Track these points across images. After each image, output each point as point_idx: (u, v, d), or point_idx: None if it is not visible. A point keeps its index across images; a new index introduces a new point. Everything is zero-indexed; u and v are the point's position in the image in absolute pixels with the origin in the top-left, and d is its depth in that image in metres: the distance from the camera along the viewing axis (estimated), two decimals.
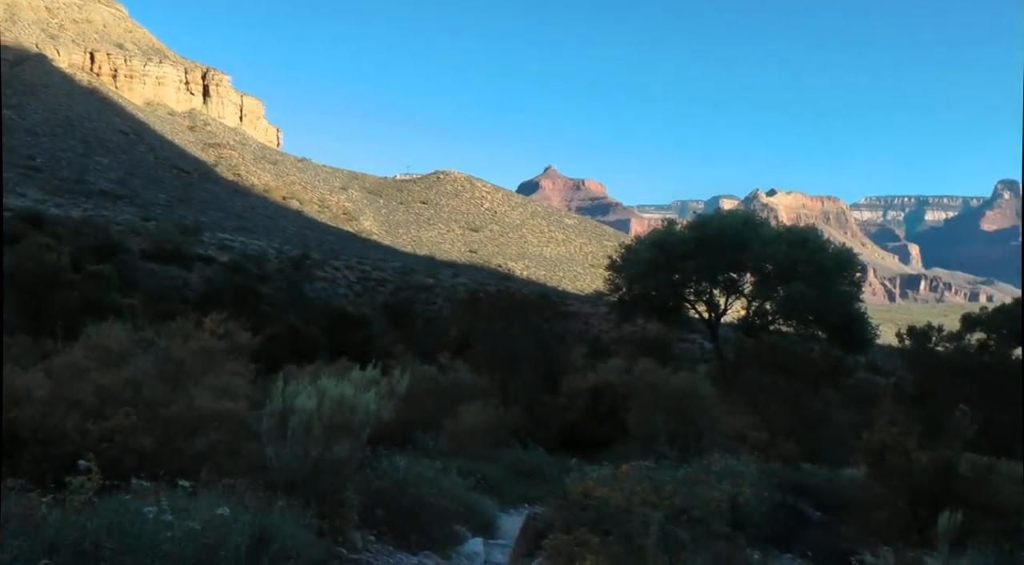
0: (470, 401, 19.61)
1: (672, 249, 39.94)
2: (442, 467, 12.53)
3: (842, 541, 9.69)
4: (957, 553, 8.62)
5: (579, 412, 21.79)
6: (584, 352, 37.29)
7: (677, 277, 40.57)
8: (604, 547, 6.50)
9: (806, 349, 33.32)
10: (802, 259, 38.06)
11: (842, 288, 39.94)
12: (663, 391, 19.99)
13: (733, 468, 12.55)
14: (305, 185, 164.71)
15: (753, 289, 40.88)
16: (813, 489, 13.50)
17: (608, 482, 7.24)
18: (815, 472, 15.78)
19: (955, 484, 10.83)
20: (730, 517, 8.25)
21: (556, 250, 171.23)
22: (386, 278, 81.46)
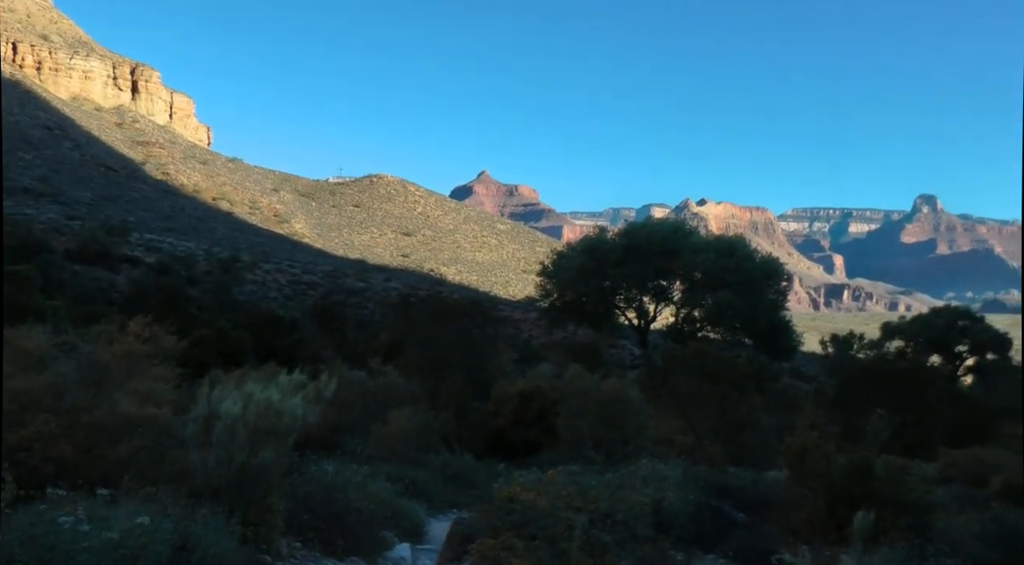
0: (400, 406, 19.53)
1: (603, 256, 40.28)
2: (370, 472, 12.48)
3: (764, 541, 9.89)
4: (871, 550, 8.87)
5: (508, 417, 21.82)
6: (515, 357, 37.44)
7: (608, 284, 40.90)
8: (529, 551, 6.55)
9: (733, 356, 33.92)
10: (730, 268, 38.68)
11: (768, 296, 40.68)
12: (592, 397, 20.18)
13: (660, 472, 12.74)
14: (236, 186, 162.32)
15: (682, 296, 41.40)
16: (737, 491, 13.75)
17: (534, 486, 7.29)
18: (740, 475, 16.08)
19: (871, 484, 11.15)
20: (654, 520, 8.37)
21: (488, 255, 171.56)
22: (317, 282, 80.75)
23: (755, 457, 18.97)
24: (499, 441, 21.18)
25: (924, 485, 14.39)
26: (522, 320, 68.68)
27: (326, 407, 11.18)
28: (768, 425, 21.27)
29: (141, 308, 22.12)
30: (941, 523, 12.11)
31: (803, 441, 11.66)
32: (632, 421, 19.33)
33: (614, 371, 34.97)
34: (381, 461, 15.63)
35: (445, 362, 24.56)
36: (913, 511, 11.58)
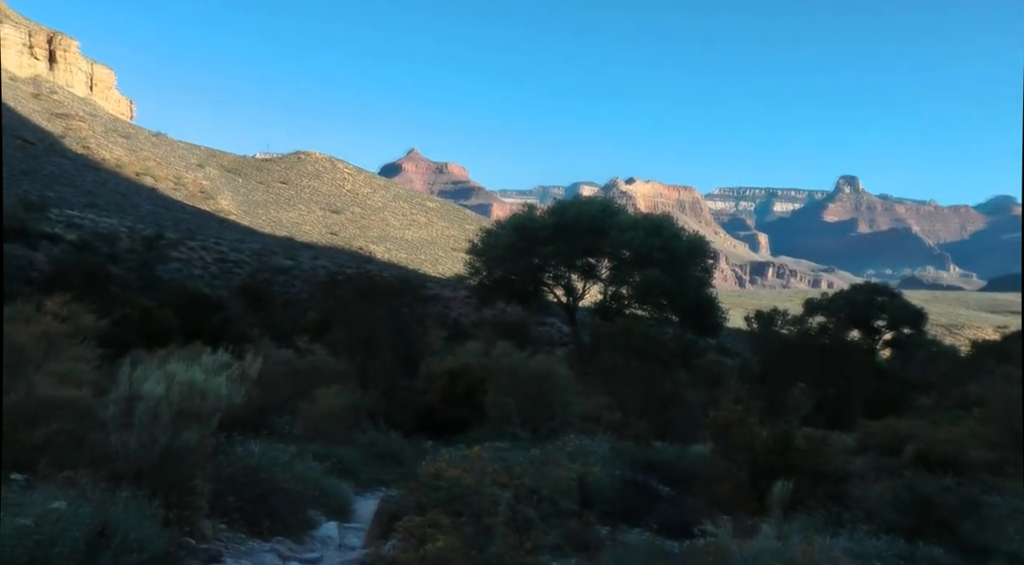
0: (328, 385, 19.40)
1: (532, 234, 40.42)
2: (297, 452, 12.39)
3: (688, 514, 10.08)
4: (790, 519, 9.13)
5: (437, 395, 21.83)
6: (444, 335, 37.38)
7: (536, 262, 41.10)
8: (455, 527, 6.59)
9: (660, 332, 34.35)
10: (657, 246, 39.13)
11: (695, 274, 41.29)
12: (521, 374, 20.27)
13: (587, 448, 12.90)
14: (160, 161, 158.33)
15: (610, 274, 41.80)
16: (663, 465, 13.98)
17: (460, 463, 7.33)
18: (665, 449, 16.35)
19: (791, 456, 11.45)
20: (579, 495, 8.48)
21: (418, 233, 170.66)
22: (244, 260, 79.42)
23: (681, 432, 19.28)
24: (428, 419, 21.18)
25: (842, 455, 14.85)
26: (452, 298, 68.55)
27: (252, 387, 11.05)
28: (694, 400, 21.60)
29: (61, 287, 21.59)
30: (857, 491, 12.50)
31: (727, 415, 11.91)
32: (560, 398, 19.48)
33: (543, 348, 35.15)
34: (309, 440, 15.52)
35: (373, 340, 24.43)
36: (831, 480, 11.95)
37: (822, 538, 8.02)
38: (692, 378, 27.01)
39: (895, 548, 10.15)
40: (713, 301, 42.66)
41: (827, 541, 8.07)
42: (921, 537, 10.79)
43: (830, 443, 13.13)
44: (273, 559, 8.48)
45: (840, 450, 17.47)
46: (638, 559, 7.25)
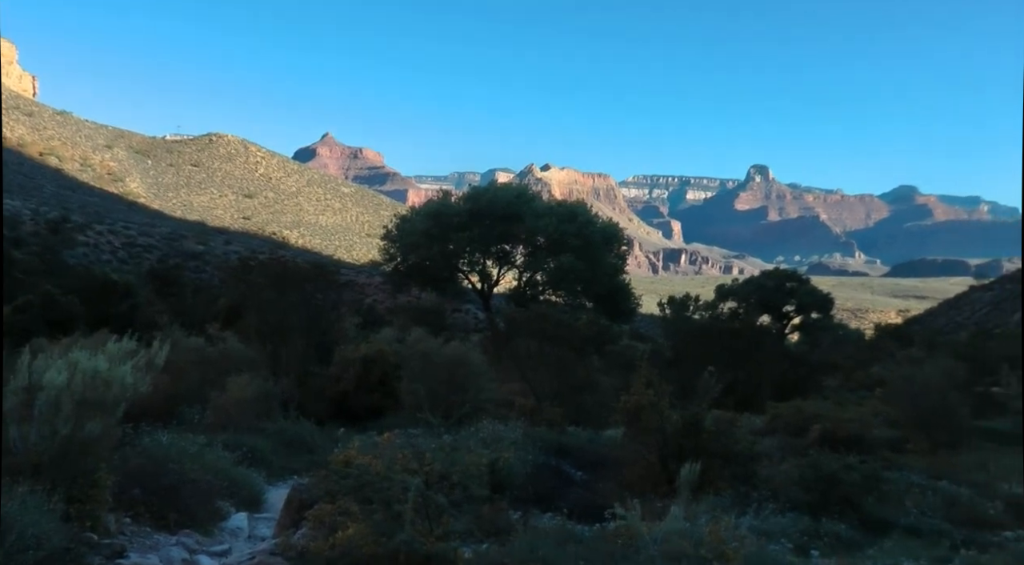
0: (239, 373, 19.07)
1: (447, 220, 40.35)
2: (207, 442, 12.19)
3: (600, 497, 10.18)
4: (700, 499, 9.31)
5: (351, 382, 21.65)
6: (358, 322, 37.05)
7: (451, 248, 41.05)
8: (365, 514, 6.54)
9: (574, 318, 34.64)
10: (572, 233, 39.43)
11: (609, 260, 41.74)
12: (435, 360, 20.23)
13: (500, 433, 12.95)
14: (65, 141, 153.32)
15: (525, 260, 41.98)
16: (576, 450, 14.10)
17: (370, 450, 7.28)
18: (578, 434, 16.50)
19: (701, 438, 11.68)
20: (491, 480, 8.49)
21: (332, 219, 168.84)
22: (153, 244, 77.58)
23: (594, 417, 19.47)
24: (342, 406, 21.01)
25: (750, 437, 15.18)
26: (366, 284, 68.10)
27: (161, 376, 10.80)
28: (607, 385, 21.82)
29: None
30: (765, 471, 12.82)
31: (638, 399, 12.07)
32: (474, 384, 19.50)
33: (457, 334, 35.17)
34: (219, 430, 15.26)
35: (286, 327, 24.09)
36: (740, 461, 12.22)
37: (730, 517, 8.18)
38: (606, 363, 27.29)
39: (800, 525, 10.45)
40: (627, 287, 43.19)
41: (734, 520, 8.25)
42: (825, 513, 11.14)
43: (739, 425, 13.41)
44: (180, 552, 8.31)
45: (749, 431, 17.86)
46: (549, 543, 7.30)
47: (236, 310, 29.81)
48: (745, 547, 7.13)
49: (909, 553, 9.81)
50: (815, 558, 8.77)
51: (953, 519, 12.25)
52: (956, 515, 12.51)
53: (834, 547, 9.81)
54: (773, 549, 8.31)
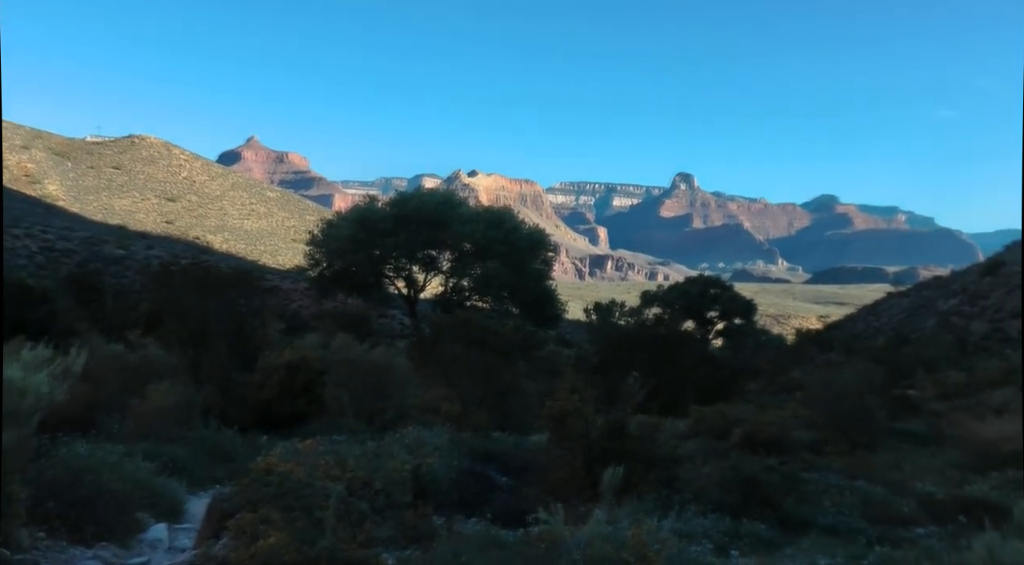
0: (160, 380, 18.69)
1: (373, 226, 40.12)
2: (126, 451, 11.91)
3: (524, 502, 10.21)
4: (623, 503, 9.41)
5: (275, 389, 21.36)
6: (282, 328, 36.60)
7: (377, 253, 40.84)
8: (287, 523, 6.47)
9: (499, 324, 34.72)
10: (498, 239, 39.53)
11: (535, 266, 41.95)
12: (360, 366, 20.09)
13: (425, 439, 12.90)
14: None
15: (451, 266, 41.94)
16: (501, 455, 14.12)
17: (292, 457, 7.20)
18: (504, 439, 16.54)
19: (625, 442, 11.79)
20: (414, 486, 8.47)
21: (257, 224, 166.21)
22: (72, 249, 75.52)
23: (520, 422, 19.53)
24: (265, 413, 20.72)
25: (674, 440, 15.39)
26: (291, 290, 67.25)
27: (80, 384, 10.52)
28: (533, 391, 21.92)
29: None
30: (688, 474, 12.99)
31: (563, 404, 12.15)
32: (399, 390, 19.43)
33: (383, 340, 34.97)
34: (140, 439, 14.92)
35: (208, 334, 23.68)
36: (663, 464, 12.37)
37: (652, 520, 8.28)
38: (531, 369, 27.41)
39: (721, 526, 10.62)
40: (552, 293, 43.41)
41: (656, 523, 8.35)
42: (746, 514, 11.34)
43: (662, 429, 13.58)
44: None
45: (672, 435, 18.11)
46: (472, 549, 7.30)
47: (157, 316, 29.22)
48: (667, 549, 7.22)
49: (826, 551, 10.04)
50: (734, 558, 8.91)
51: (869, 517, 12.58)
52: (872, 513, 12.84)
53: (754, 547, 9.98)
54: (694, 550, 8.43)
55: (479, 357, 21.73)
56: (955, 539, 9.74)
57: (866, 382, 25.18)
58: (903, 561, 9.36)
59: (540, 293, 41.82)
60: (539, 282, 42.10)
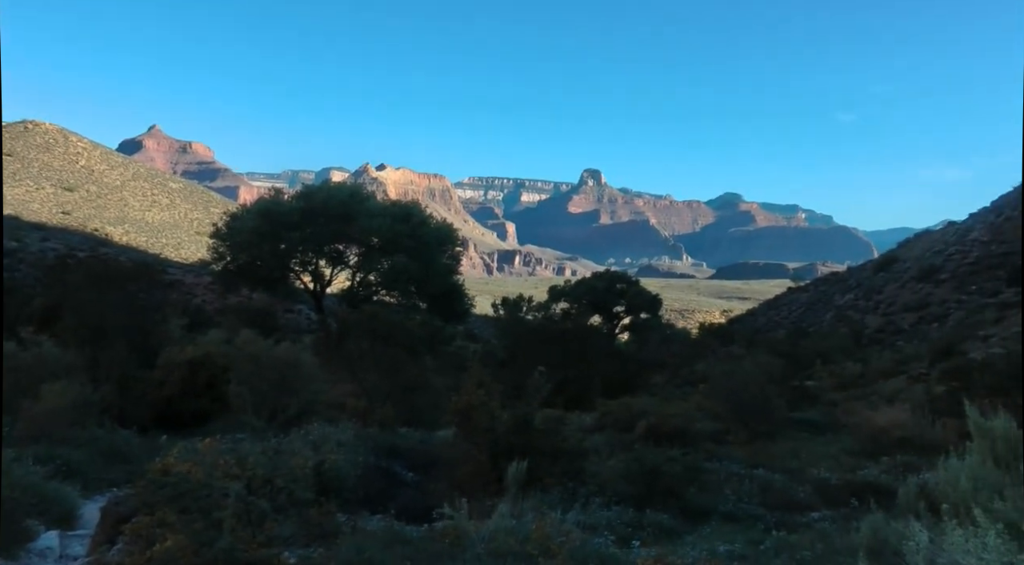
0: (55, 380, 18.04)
1: (278, 219, 39.49)
2: (16, 456, 11.49)
3: (430, 498, 10.19)
4: (528, 496, 9.46)
5: (176, 387, 20.86)
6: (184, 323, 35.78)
7: (283, 247, 40.22)
8: (184, 525, 6.32)
9: (407, 319, 34.58)
10: (406, 233, 39.33)
11: (443, 261, 41.85)
12: (265, 362, 19.73)
13: (330, 435, 12.76)
14: None
15: (358, 261, 41.56)
16: (407, 451, 14.06)
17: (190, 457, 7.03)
18: (410, 435, 16.46)
19: (530, 436, 11.86)
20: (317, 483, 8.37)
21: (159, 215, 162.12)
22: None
23: (427, 417, 19.48)
24: (167, 412, 20.22)
25: (580, 434, 15.54)
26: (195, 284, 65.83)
27: None
28: (440, 386, 21.87)
29: None
30: (593, 467, 13.14)
31: (469, 399, 12.15)
32: (305, 386, 19.16)
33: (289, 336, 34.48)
34: (31, 442, 14.39)
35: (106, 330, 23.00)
36: (568, 458, 12.48)
37: (556, 513, 8.35)
38: (439, 363, 27.36)
39: (625, 517, 10.78)
40: (460, 288, 43.41)
41: (560, 516, 8.42)
42: (649, 505, 11.53)
43: (568, 423, 13.71)
44: None
45: (578, 429, 18.31)
46: (376, 545, 7.25)
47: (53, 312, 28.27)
48: (570, 541, 7.28)
49: (725, 538, 10.27)
50: (636, 548, 9.03)
51: (767, 504, 12.92)
52: (770, 500, 13.20)
53: (656, 536, 10.15)
54: (597, 542, 8.51)
55: (386, 352, 21.59)
56: (847, 522, 10.07)
57: (766, 374, 25.82)
58: (798, 545, 9.66)
59: (448, 288, 41.75)
60: (447, 277, 42.02)
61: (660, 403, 23.42)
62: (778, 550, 9.65)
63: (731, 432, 22.13)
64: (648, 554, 8.00)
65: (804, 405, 30.18)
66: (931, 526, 4.72)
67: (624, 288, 52.86)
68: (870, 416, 22.12)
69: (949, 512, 3.91)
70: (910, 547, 4.39)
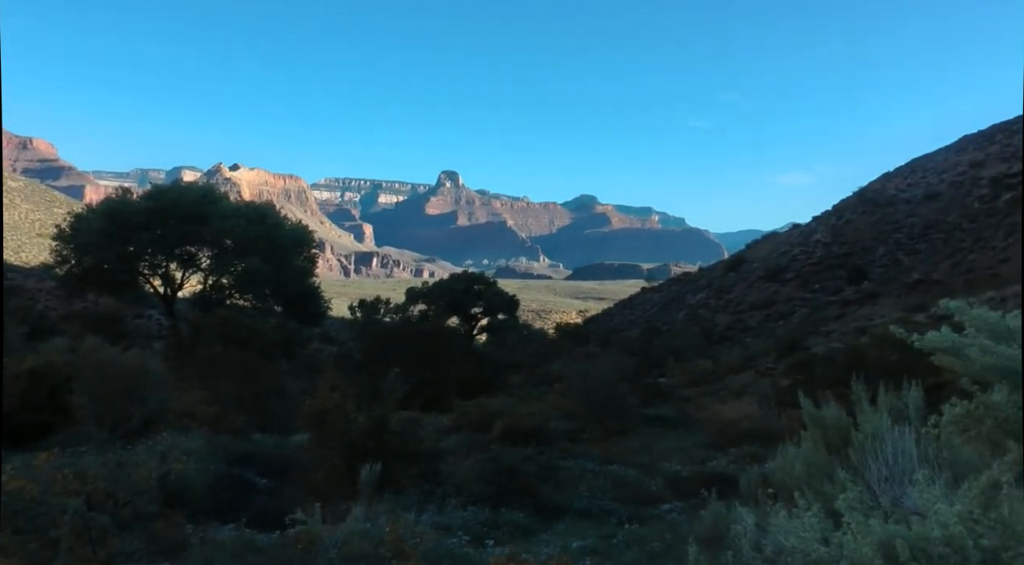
0: None
1: (126, 220, 37.99)
2: None
3: (285, 504, 10.05)
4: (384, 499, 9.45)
5: (16, 399, 19.83)
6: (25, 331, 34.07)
7: (132, 250, 38.74)
8: (18, 546, 6.05)
9: (261, 322, 33.89)
10: (260, 235, 38.51)
11: (298, 263, 41.18)
12: (112, 371, 19.00)
13: (180, 445, 12.42)
14: None
15: (211, 263, 40.43)
16: (261, 457, 13.80)
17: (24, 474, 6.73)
18: (265, 441, 16.17)
19: (385, 439, 11.85)
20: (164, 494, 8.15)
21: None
22: None
23: (283, 422, 19.16)
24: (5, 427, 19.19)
25: (436, 435, 15.60)
26: (37, 289, 62.90)
27: None
28: (296, 390, 21.55)
29: None
30: (450, 467, 13.22)
31: (323, 403, 12.06)
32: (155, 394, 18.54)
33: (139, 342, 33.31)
34: None
35: None
36: (424, 459, 12.54)
37: (411, 515, 8.38)
38: (295, 367, 26.93)
39: (481, 517, 10.90)
40: (316, 290, 42.81)
41: (415, 517, 8.45)
42: (505, 504, 11.67)
43: (425, 424, 13.74)
44: None
45: (435, 430, 18.38)
46: (226, 555, 7.12)
47: None
48: (424, 543, 7.33)
49: (579, 533, 10.52)
50: (490, 547, 9.15)
51: (621, 498, 13.27)
52: (624, 495, 13.56)
53: (512, 535, 10.29)
54: (451, 542, 8.58)
55: (239, 357, 21.12)
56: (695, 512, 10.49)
57: (620, 372, 26.47)
58: (648, 537, 9.99)
59: (303, 291, 41.10)
60: (303, 279, 41.35)
61: (516, 403, 23.67)
62: (629, 543, 9.95)
63: (586, 430, 22.57)
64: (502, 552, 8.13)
65: (657, 402, 31.07)
66: (771, 512, 4.99)
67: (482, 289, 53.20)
68: (719, 410, 22.97)
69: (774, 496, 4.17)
70: (738, 531, 4.63)
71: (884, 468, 5.11)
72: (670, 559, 8.76)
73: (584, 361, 32.49)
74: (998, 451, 3.77)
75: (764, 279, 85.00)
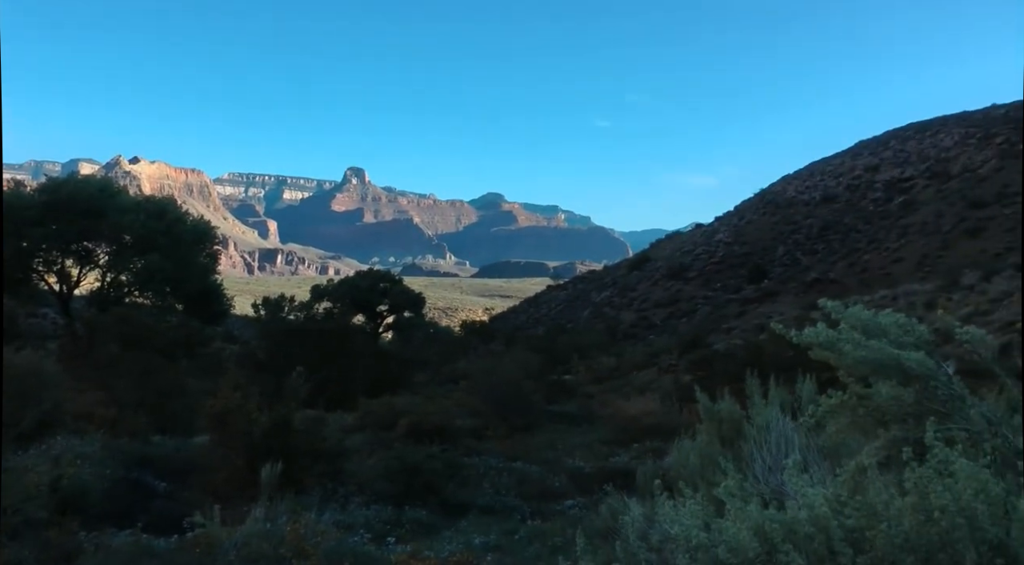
0: None
1: (19, 214, 36.67)
2: None
3: (184, 507, 9.91)
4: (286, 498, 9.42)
5: None
6: None
7: (24, 245, 37.44)
8: None
9: (161, 321, 33.14)
10: (160, 230, 37.62)
11: (200, 260, 40.34)
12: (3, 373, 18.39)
13: (75, 448, 12.11)
14: None
15: (109, 260, 39.33)
16: (161, 460, 13.54)
17: None
18: (164, 443, 15.85)
19: (288, 438, 11.77)
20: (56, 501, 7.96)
21: None
22: None
23: (184, 423, 18.79)
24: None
25: (340, 434, 15.54)
26: None
27: None
28: (197, 390, 21.17)
29: None
30: (353, 466, 13.21)
31: (224, 403, 11.92)
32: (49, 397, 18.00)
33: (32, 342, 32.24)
34: None
35: None
36: (328, 458, 12.50)
37: (312, 514, 8.37)
38: (196, 367, 26.44)
39: (384, 515, 10.94)
40: (218, 288, 42.02)
41: (316, 516, 8.45)
42: (408, 502, 11.74)
43: (329, 423, 13.68)
44: None
45: (339, 429, 18.28)
46: (122, 561, 7.01)
47: None
48: (325, 542, 7.34)
49: (482, 530, 10.64)
50: (391, 545, 9.19)
51: (524, 494, 13.46)
52: (527, 491, 13.76)
53: (414, 532, 10.36)
54: (352, 541, 8.61)
55: (138, 357, 20.66)
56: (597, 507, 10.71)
57: (524, 370, 26.74)
58: (550, 532, 10.18)
59: (205, 288, 40.25)
60: (204, 277, 40.51)
61: (422, 401, 23.69)
62: (531, 538, 10.11)
63: (491, 427, 22.72)
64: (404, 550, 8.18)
65: (562, 398, 31.45)
66: (658, 503, 5.17)
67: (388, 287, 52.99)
68: (623, 406, 23.41)
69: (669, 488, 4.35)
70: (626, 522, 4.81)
71: (768, 457, 5.36)
72: (570, 554, 8.95)
73: (489, 359, 32.73)
74: (869, 438, 4.03)
75: (668, 278, 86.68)
